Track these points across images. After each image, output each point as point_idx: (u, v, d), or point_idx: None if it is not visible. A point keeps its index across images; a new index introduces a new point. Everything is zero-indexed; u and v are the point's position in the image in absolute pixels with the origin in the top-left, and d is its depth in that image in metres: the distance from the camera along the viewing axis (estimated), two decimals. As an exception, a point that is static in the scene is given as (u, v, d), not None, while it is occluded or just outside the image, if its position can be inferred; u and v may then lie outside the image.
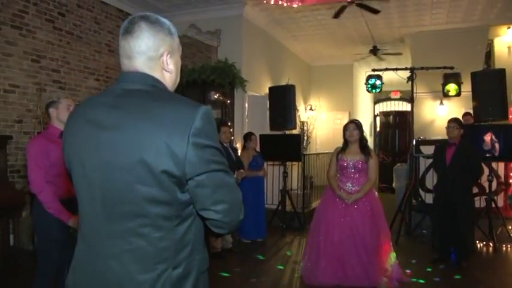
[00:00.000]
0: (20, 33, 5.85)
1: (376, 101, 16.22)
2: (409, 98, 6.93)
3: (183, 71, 7.87)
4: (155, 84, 1.30)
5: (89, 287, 1.27)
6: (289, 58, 11.27)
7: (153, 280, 1.20)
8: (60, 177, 2.89)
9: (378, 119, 15.10)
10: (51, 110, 2.99)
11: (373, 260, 4.40)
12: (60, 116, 2.97)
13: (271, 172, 7.68)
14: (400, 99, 14.82)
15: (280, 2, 6.84)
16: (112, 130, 1.23)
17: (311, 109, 12.57)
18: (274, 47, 10.11)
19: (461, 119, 8.25)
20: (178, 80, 1.41)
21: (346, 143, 4.67)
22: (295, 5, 6.78)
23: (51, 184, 2.86)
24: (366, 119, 15.58)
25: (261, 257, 5.64)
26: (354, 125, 4.64)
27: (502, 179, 6.85)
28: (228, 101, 7.81)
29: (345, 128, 4.70)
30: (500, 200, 6.61)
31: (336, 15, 7.50)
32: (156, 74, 1.32)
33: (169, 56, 1.33)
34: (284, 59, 10.84)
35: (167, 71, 1.35)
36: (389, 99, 15.59)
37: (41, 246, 2.97)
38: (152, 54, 1.30)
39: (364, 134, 4.70)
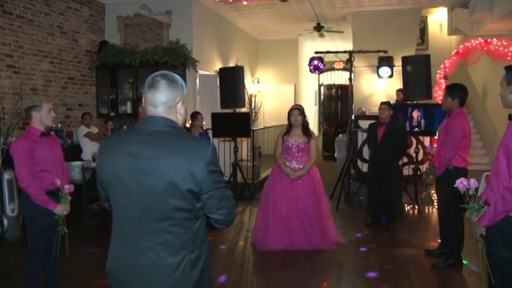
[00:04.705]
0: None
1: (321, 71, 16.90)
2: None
3: (136, 52, 8.09)
4: (174, 126, 1.80)
5: (127, 271, 1.76)
6: (237, 34, 11.61)
7: (178, 261, 1.72)
8: (44, 172, 3.27)
9: (322, 88, 15.86)
10: (34, 113, 3.28)
11: (315, 227, 5.13)
12: (43, 119, 3.30)
13: (223, 147, 8.18)
14: (343, 69, 15.58)
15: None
16: (148, 160, 1.71)
17: (258, 82, 13.05)
18: (223, 24, 10.43)
19: (395, 93, 9.14)
20: (185, 117, 1.93)
21: (290, 126, 5.25)
22: (244, 3, 7.12)
23: (37, 179, 3.23)
24: (311, 89, 16.31)
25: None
26: (298, 111, 5.19)
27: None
28: (181, 81, 8.10)
29: (290, 113, 5.24)
30: (424, 168, 7.51)
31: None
32: (172, 117, 1.82)
33: (181, 104, 1.84)
34: (232, 35, 11.17)
35: (180, 115, 1.86)
36: (333, 69, 16.35)
37: (30, 232, 3.36)
38: (171, 104, 1.80)
39: (306, 118, 5.29)
